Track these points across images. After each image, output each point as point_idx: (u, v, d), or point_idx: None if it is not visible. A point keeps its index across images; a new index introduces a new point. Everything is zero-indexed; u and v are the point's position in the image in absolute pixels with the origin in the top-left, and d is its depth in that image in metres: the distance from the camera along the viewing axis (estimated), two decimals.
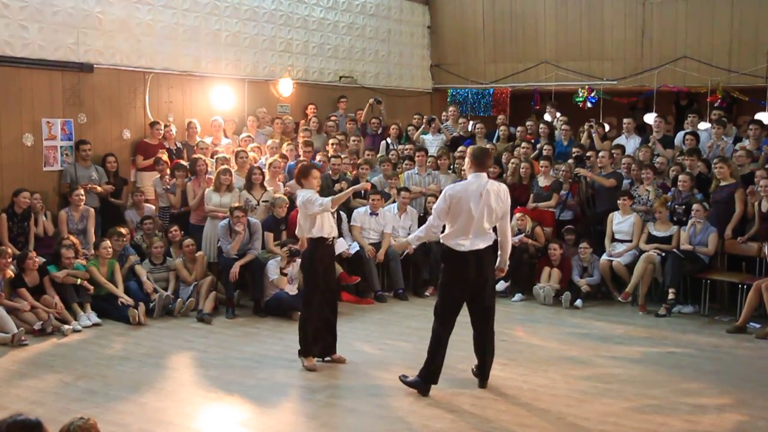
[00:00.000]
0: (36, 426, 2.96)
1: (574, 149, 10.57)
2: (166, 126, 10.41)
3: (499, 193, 5.99)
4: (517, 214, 9.70)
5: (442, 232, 6.04)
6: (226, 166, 9.50)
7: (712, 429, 5.46)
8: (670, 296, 8.77)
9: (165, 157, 9.96)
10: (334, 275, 7.05)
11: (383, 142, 12.19)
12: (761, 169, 9.03)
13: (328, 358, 6.86)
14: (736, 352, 7.46)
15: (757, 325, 8.10)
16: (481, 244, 5.93)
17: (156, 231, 9.37)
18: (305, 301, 6.84)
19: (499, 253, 6.17)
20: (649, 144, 10.67)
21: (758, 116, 10.96)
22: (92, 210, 9.16)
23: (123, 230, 8.86)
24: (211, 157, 10.18)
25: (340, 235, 9.78)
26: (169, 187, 9.76)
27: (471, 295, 6.03)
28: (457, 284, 5.96)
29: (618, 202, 9.53)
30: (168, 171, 9.82)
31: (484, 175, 6.03)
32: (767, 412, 5.81)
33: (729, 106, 12.70)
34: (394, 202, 10.25)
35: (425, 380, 6.04)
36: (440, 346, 6.04)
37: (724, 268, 9.18)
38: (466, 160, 6.12)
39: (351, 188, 7.37)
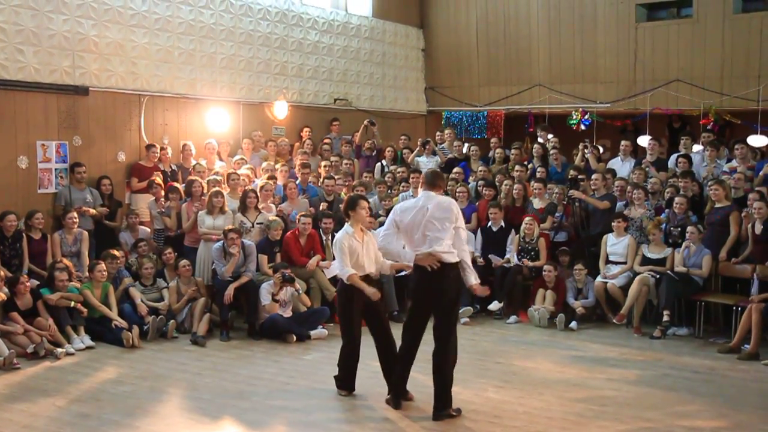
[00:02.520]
0: None
1: (571, 171, 10.63)
2: (162, 148, 10.43)
3: (442, 204, 6.04)
4: (526, 219, 9.81)
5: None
6: (218, 189, 9.51)
7: None
8: (665, 318, 8.77)
9: (159, 179, 9.97)
10: (379, 306, 6.63)
11: (378, 164, 12.23)
12: (754, 192, 9.09)
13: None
14: (732, 374, 7.45)
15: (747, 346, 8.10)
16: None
17: (150, 253, 9.35)
18: (343, 336, 6.60)
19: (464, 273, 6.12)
20: (642, 166, 10.73)
21: (750, 139, 11.03)
22: (86, 233, 9.15)
23: (117, 253, 8.84)
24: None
25: (335, 257, 9.77)
26: (163, 209, 9.76)
27: (432, 308, 6.11)
28: (419, 296, 6.13)
29: (612, 224, 9.56)
30: (162, 193, 9.82)
31: (433, 193, 6.13)
32: None
33: (722, 129, 12.78)
34: None
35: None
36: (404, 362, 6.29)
37: (719, 290, 9.19)
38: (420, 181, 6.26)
39: (364, 288, 6.51)
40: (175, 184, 9.97)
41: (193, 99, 11.12)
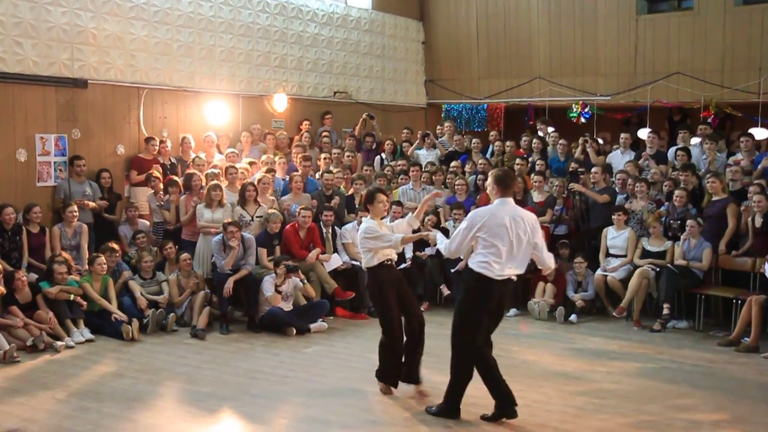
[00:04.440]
0: None
1: (572, 164, 10.61)
2: (161, 141, 10.40)
3: (527, 220, 5.73)
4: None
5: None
6: (216, 182, 9.49)
7: None
8: (665, 311, 8.77)
9: (157, 173, 9.95)
10: (410, 297, 6.55)
11: (378, 157, 12.21)
12: (754, 185, 9.07)
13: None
14: (731, 367, 7.45)
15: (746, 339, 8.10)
16: (508, 272, 5.68)
17: (150, 246, 9.33)
18: (383, 329, 6.40)
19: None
20: (641, 159, 10.71)
21: (751, 131, 11.01)
22: (85, 226, 9.13)
23: (116, 246, 8.83)
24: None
25: (335, 251, 9.79)
26: (162, 203, 9.74)
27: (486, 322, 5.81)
28: (477, 310, 5.74)
29: (612, 217, 9.55)
30: (161, 186, 9.80)
31: (511, 200, 5.78)
32: (763, 428, 5.80)
33: (722, 122, 12.75)
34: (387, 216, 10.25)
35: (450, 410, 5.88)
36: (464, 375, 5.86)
37: (719, 283, 9.19)
38: (489, 184, 5.84)
39: (417, 235, 6.75)
40: (175, 178, 9.95)
41: (192, 92, 11.09)
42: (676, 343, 8.30)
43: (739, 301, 8.41)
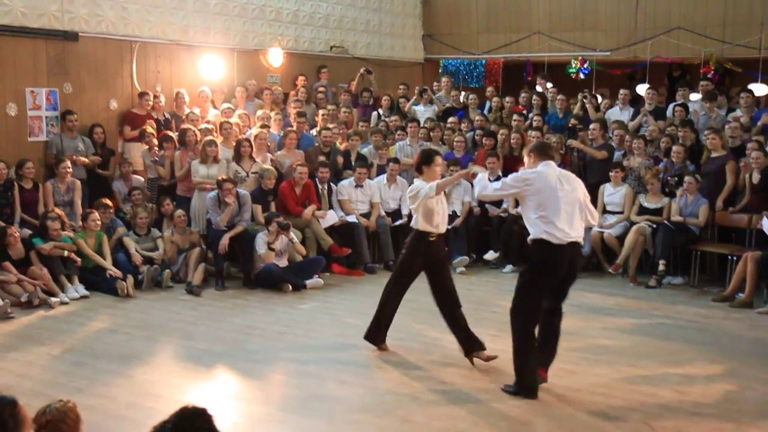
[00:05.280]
0: (10, 404, 2.88)
1: (571, 120, 10.50)
2: (154, 96, 10.26)
3: (572, 180, 5.55)
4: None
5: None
6: (211, 138, 9.39)
7: (700, 399, 5.47)
8: (661, 268, 8.77)
9: (151, 128, 9.83)
10: (445, 277, 6.26)
11: (374, 113, 12.08)
12: (752, 141, 9.00)
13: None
14: (725, 323, 7.48)
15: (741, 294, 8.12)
16: (574, 235, 5.39)
17: (144, 202, 9.27)
18: (388, 284, 6.39)
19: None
20: (640, 115, 10.62)
21: (751, 87, 10.90)
22: (78, 182, 9.04)
23: (108, 202, 8.76)
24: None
25: (331, 207, 9.75)
26: (157, 158, 9.65)
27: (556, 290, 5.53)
28: (547, 281, 5.45)
29: (610, 173, 9.49)
30: (155, 142, 9.70)
31: (552, 163, 5.55)
32: (755, 382, 5.83)
33: (722, 78, 12.61)
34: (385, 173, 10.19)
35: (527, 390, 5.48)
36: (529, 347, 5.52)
37: (714, 239, 9.18)
38: (527, 158, 5.66)
39: (457, 174, 6.61)
40: (169, 133, 9.84)
41: (186, 46, 10.90)
42: (671, 299, 8.32)
43: (735, 258, 8.41)
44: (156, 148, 9.66)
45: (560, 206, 5.33)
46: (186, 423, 2.90)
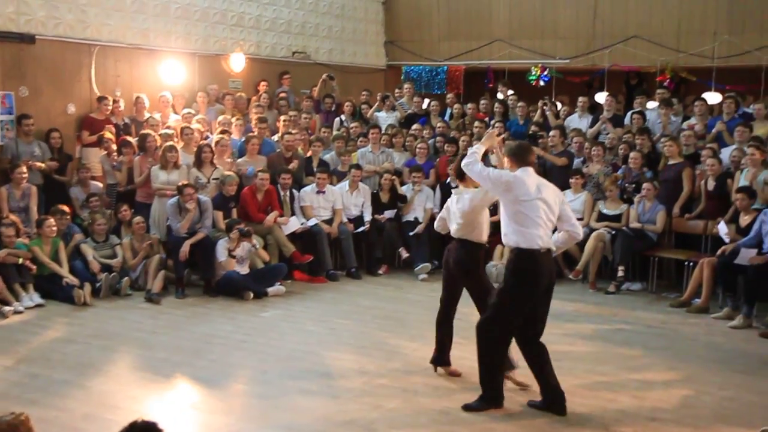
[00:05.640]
0: None
1: (532, 128, 10.61)
2: (114, 101, 10.12)
3: (557, 191, 5.37)
4: None
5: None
6: (171, 143, 9.29)
7: (658, 404, 5.56)
8: (620, 274, 8.90)
9: (109, 134, 9.69)
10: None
11: (337, 119, 12.06)
12: (706, 149, 9.20)
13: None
14: (683, 328, 7.61)
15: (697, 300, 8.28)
16: (551, 245, 5.26)
17: (102, 209, 9.12)
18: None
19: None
20: (598, 123, 10.78)
21: (705, 95, 11.14)
22: (34, 188, 8.85)
23: (65, 208, 8.60)
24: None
25: (293, 213, 9.70)
26: (116, 164, 9.50)
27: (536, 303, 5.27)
28: (527, 292, 5.22)
29: (570, 180, 9.61)
30: (114, 148, 9.55)
31: (531, 170, 5.33)
32: (711, 386, 5.94)
33: (677, 86, 12.87)
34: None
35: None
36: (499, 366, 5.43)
37: (672, 245, 9.34)
38: (505, 159, 5.47)
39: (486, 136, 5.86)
40: (129, 138, 9.71)
41: (146, 50, 10.77)
42: (630, 305, 8.44)
43: (691, 264, 8.57)
44: (114, 154, 9.51)
45: (540, 215, 5.17)
46: None
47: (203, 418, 5.30)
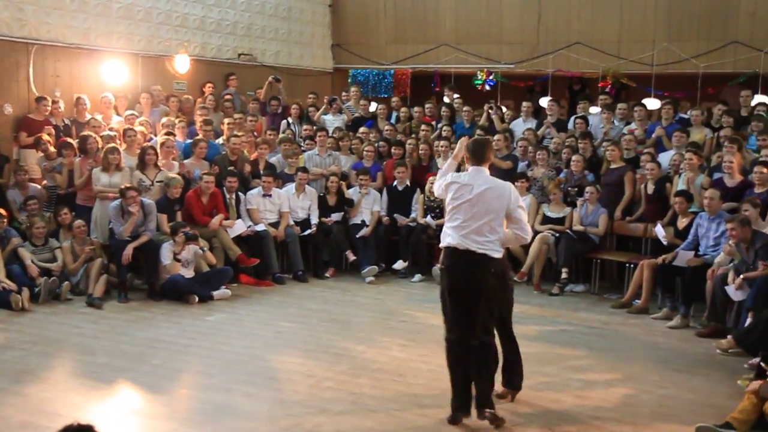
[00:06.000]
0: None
1: (477, 132, 10.72)
2: (53, 101, 9.87)
3: (503, 193, 5.21)
4: (431, 178, 9.58)
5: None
6: (113, 145, 9.11)
7: (600, 404, 5.67)
8: (563, 276, 9.05)
9: (47, 135, 9.45)
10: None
11: (283, 121, 12.00)
12: (645, 153, 9.45)
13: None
14: (624, 329, 7.78)
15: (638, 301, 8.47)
16: (473, 246, 5.13)
17: (41, 212, 8.89)
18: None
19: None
20: (542, 127, 10.96)
21: (644, 101, 11.43)
22: None
23: (2, 211, 8.36)
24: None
25: (239, 216, 9.61)
26: (55, 166, 9.27)
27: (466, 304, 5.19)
28: (447, 289, 5.27)
29: (515, 184, 9.70)
30: (52, 150, 9.32)
31: (485, 170, 5.30)
32: (651, 385, 6.08)
33: (618, 92, 13.17)
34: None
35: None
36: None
37: (613, 247, 9.55)
38: (464, 155, 5.41)
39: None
40: (69, 140, 9.48)
41: (87, 50, 10.53)
42: (573, 306, 8.60)
43: (632, 265, 8.77)
44: (54, 155, 9.28)
45: (470, 214, 5.13)
46: None
47: (146, 423, 5.21)
